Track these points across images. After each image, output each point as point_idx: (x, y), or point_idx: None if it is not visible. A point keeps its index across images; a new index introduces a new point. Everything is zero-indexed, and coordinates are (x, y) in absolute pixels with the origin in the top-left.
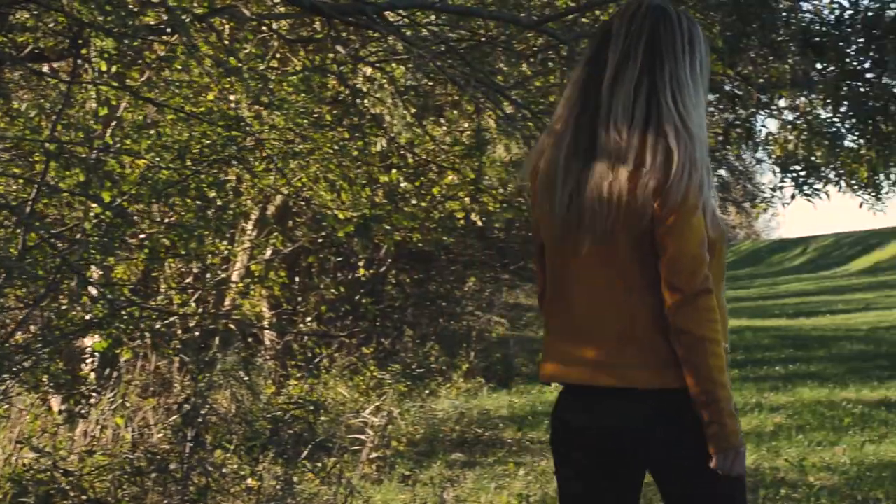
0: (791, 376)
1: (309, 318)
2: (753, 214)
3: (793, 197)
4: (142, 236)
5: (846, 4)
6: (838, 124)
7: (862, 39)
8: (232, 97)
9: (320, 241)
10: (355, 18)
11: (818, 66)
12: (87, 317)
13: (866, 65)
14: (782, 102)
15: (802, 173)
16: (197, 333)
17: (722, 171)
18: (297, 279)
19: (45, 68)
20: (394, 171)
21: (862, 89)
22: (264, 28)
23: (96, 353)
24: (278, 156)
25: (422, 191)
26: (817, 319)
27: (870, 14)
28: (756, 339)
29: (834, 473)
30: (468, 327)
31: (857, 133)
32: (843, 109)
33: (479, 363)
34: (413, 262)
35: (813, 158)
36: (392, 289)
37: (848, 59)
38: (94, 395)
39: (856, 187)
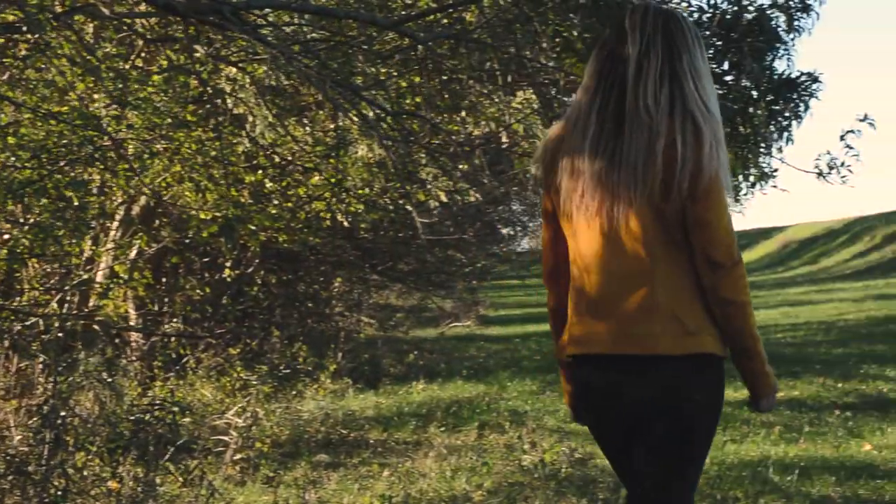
0: None
1: (175, 319)
2: None
3: None
4: (6, 237)
5: (704, 7)
6: None
7: (720, 42)
8: (96, 96)
9: (186, 241)
10: (213, 18)
11: None
12: None
13: (724, 67)
14: None
15: None
16: (60, 334)
17: None
18: (163, 279)
19: None
20: (259, 171)
21: (720, 91)
22: (125, 27)
23: None
24: (135, 156)
25: (287, 191)
26: None
27: (727, 17)
28: None
29: None
30: (336, 328)
31: None
32: None
33: (346, 364)
34: (281, 262)
35: None
36: (259, 289)
37: None
38: None
39: None
